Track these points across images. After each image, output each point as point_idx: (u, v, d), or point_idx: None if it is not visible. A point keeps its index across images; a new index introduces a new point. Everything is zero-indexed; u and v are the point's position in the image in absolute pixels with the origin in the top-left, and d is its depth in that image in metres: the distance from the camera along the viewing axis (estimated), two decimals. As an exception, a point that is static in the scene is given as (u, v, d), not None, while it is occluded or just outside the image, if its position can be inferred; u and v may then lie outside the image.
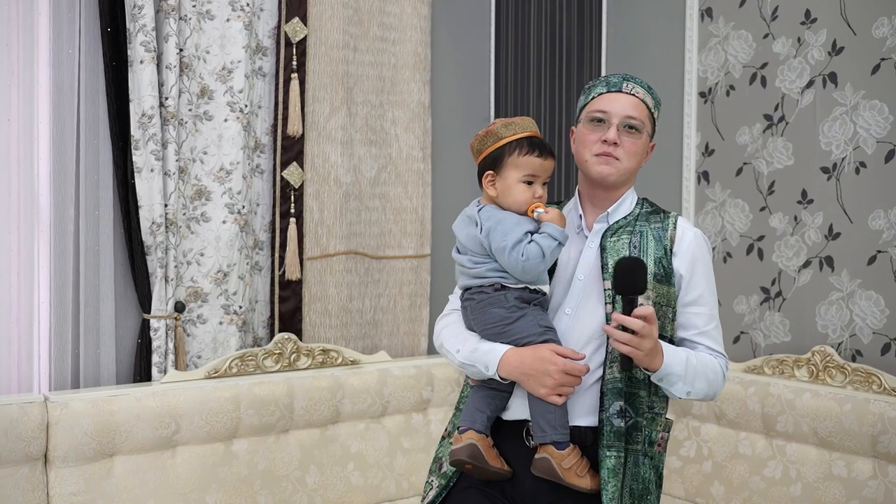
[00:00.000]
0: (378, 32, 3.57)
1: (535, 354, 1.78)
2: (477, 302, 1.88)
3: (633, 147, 1.90)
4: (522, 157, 1.85)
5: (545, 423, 1.80)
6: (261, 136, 3.29)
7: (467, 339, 1.89)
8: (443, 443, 2.03)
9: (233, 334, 3.16)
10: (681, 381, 1.82)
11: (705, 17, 3.30)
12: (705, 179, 3.31)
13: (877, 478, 2.62)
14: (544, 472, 1.79)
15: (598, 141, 1.88)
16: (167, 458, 2.80)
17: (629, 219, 1.93)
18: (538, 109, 3.93)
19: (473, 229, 1.88)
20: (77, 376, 2.92)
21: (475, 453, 1.81)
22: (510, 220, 1.85)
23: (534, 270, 1.81)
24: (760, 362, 3.04)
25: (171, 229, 3.01)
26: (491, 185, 1.89)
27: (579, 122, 1.95)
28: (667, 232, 1.92)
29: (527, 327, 1.83)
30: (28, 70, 2.85)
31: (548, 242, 1.80)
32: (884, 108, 2.78)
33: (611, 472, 1.80)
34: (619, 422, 1.82)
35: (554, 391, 1.77)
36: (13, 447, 2.55)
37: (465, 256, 1.90)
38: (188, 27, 3.06)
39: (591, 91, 1.96)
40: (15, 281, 2.85)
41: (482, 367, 1.84)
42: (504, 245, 1.81)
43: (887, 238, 2.78)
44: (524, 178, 1.86)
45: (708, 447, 3.06)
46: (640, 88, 1.95)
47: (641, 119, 1.92)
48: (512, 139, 1.86)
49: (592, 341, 1.85)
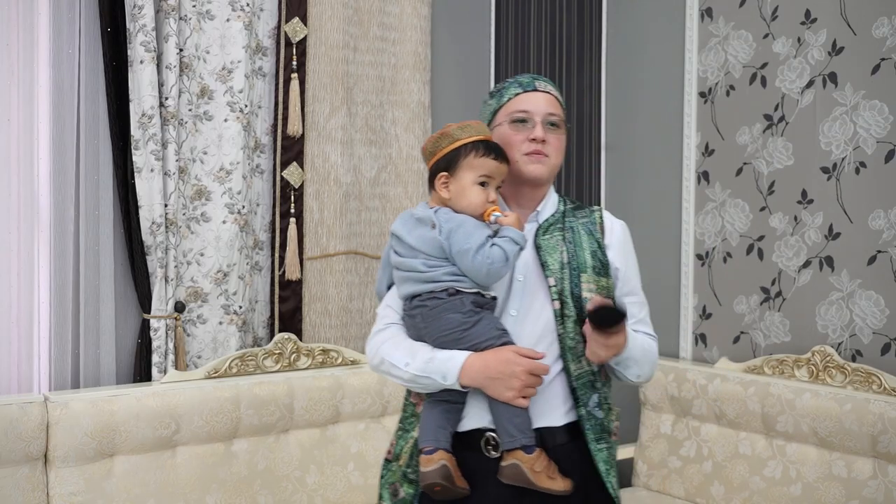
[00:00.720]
0: (378, 32, 3.57)
1: (499, 357, 1.75)
2: (430, 308, 1.81)
3: (558, 143, 1.91)
4: (478, 159, 1.83)
5: (513, 428, 1.76)
6: (261, 136, 3.29)
7: (418, 351, 1.81)
8: (390, 466, 1.93)
9: (233, 334, 3.16)
10: (636, 366, 1.86)
11: (705, 17, 3.30)
12: (705, 179, 3.31)
13: (877, 478, 2.62)
14: (514, 479, 1.75)
15: (525, 140, 1.88)
16: (167, 458, 2.80)
17: (557, 215, 1.95)
18: (538, 109, 3.93)
19: (429, 231, 1.83)
20: (77, 376, 2.92)
21: (447, 474, 1.75)
22: (470, 222, 1.82)
23: (497, 274, 1.79)
24: (760, 362, 3.04)
25: (171, 229, 3.01)
26: (444, 187, 1.86)
27: (495, 126, 1.93)
28: (596, 225, 1.95)
29: (485, 331, 1.79)
30: (28, 70, 2.85)
31: (510, 246, 1.78)
32: (884, 108, 2.78)
33: (608, 465, 1.83)
34: (599, 413, 1.84)
35: (521, 393, 1.75)
36: (13, 447, 2.55)
37: (417, 260, 1.83)
38: (188, 27, 3.06)
39: (503, 93, 1.95)
40: (15, 281, 2.85)
41: (439, 378, 1.77)
42: (468, 248, 1.77)
43: (887, 238, 2.78)
44: (479, 179, 1.84)
45: (708, 447, 3.06)
46: (550, 86, 1.95)
47: (560, 115, 1.93)
48: (467, 141, 1.84)
49: (543, 340, 1.84)
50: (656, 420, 3.26)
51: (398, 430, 1.94)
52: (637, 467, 3.31)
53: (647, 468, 3.26)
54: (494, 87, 2.00)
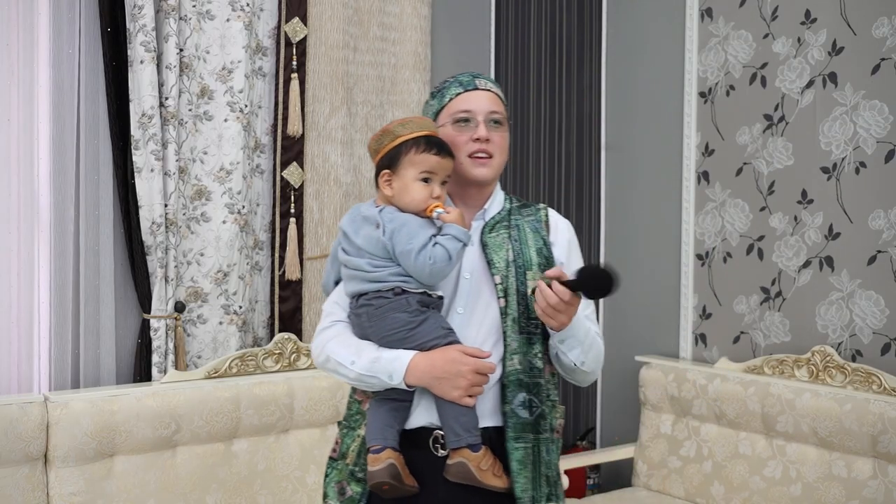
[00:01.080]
0: (378, 32, 3.57)
1: (445, 356, 1.75)
2: (376, 308, 1.80)
3: (501, 141, 1.89)
4: (419, 155, 1.81)
5: (459, 427, 1.76)
6: (261, 136, 3.29)
7: (363, 350, 1.81)
8: (335, 465, 1.92)
9: (233, 334, 3.16)
10: (580, 347, 1.83)
11: (705, 17, 3.30)
12: (705, 179, 3.31)
13: (877, 478, 2.62)
14: (461, 477, 1.75)
15: (469, 141, 1.86)
16: (167, 458, 2.80)
17: (503, 213, 1.94)
18: (538, 109, 3.93)
19: (374, 231, 1.81)
20: (77, 376, 2.92)
21: (395, 473, 1.75)
22: (414, 222, 1.80)
23: (441, 273, 1.77)
24: (760, 362, 3.04)
25: (171, 229, 3.01)
26: (387, 185, 1.84)
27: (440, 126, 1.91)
28: (541, 222, 1.95)
29: (431, 330, 1.78)
30: (28, 70, 2.85)
31: (453, 244, 1.76)
32: (884, 108, 2.78)
33: (520, 464, 1.79)
34: (524, 413, 1.81)
35: (467, 392, 1.75)
36: (13, 447, 2.55)
37: (362, 260, 1.82)
38: (188, 27, 3.06)
39: (444, 93, 1.93)
40: (15, 281, 2.85)
41: (385, 377, 1.77)
42: (410, 248, 1.76)
43: (887, 238, 2.78)
44: (421, 175, 1.81)
45: (708, 447, 3.06)
46: (491, 83, 1.93)
47: (502, 112, 1.91)
48: (409, 137, 1.82)
49: (489, 338, 1.84)
50: (656, 420, 3.26)
51: (343, 429, 1.93)
52: (637, 467, 3.31)
53: (647, 468, 3.26)
54: (435, 87, 1.98)
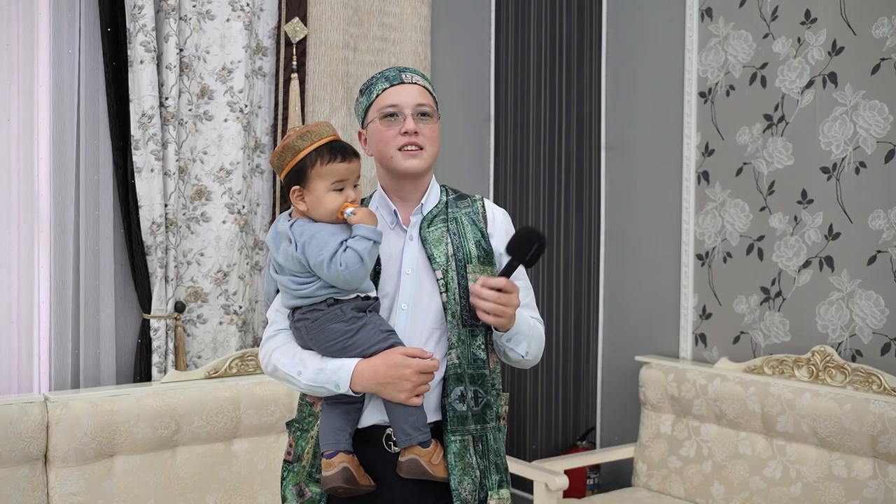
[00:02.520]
0: (378, 32, 3.57)
1: (387, 361, 1.76)
2: (312, 321, 1.80)
3: (431, 133, 1.89)
4: (325, 167, 1.78)
5: (408, 427, 1.78)
6: (261, 136, 3.29)
7: (307, 360, 1.82)
8: (291, 467, 1.92)
9: (233, 334, 3.16)
10: (525, 341, 1.87)
11: (705, 17, 3.30)
12: (705, 179, 3.31)
13: (877, 478, 2.62)
14: (414, 473, 1.79)
15: (397, 135, 1.87)
16: (167, 458, 2.80)
17: (440, 206, 1.95)
18: (538, 109, 3.93)
19: (289, 247, 1.79)
20: (77, 376, 2.92)
21: (348, 477, 1.77)
22: (324, 231, 1.78)
23: (356, 277, 1.75)
24: (760, 362, 3.04)
25: (171, 229, 3.01)
26: (300, 200, 1.81)
27: (369, 122, 1.92)
28: (479, 214, 1.95)
29: (370, 336, 1.78)
30: (28, 70, 2.85)
31: (362, 245, 1.74)
32: (884, 108, 2.78)
33: (456, 457, 1.81)
34: (460, 406, 1.83)
35: (413, 393, 1.77)
36: (13, 447, 2.55)
37: (286, 277, 1.80)
38: (188, 27, 3.06)
39: (371, 90, 1.93)
40: (15, 281, 2.85)
41: (332, 387, 1.79)
42: (321, 260, 1.74)
43: (887, 238, 2.78)
44: (333, 186, 1.79)
45: (708, 447, 3.06)
46: (418, 76, 1.94)
47: (430, 104, 1.91)
48: (311, 150, 1.79)
49: (434, 332, 1.85)
50: (656, 420, 3.26)
51: (295, 431, 1.94)
52: (637, 467, 3.31)
53: (647, 468, 3.26)
54: (363, 84, 1.99)
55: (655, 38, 3.49)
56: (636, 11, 3.55)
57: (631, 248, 3.58)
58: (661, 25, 3.46)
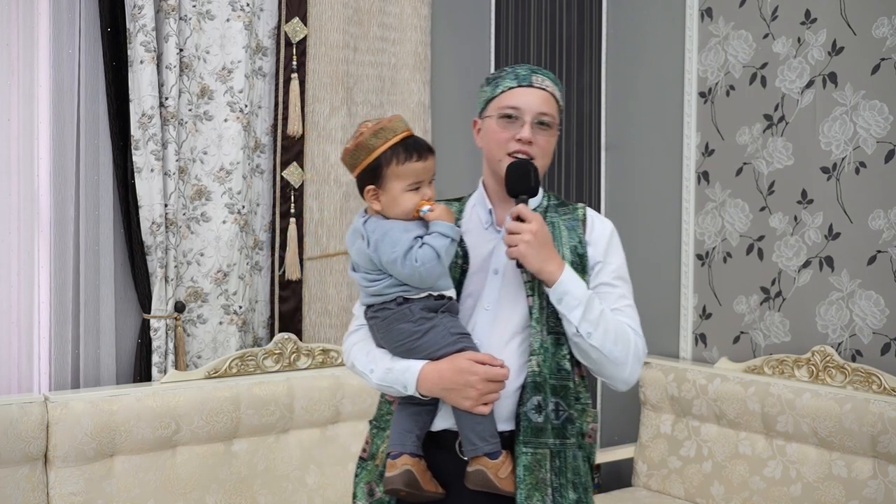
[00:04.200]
0: (378, 32, 3.57)
1: (454, 366, 1.70)
2: (382, 319, 1.77)
3: (546, 144, 1.82)
4: (401, 166, 1.72)
5: (474, 436, 1.71)
6: (261, 136, 3.29)
7: (379, 359, 1.78)
8: (365, 465, 1.90)
9: (233, 334, 3.16)
10: (580, 309, 1.73)
11: (705, 17, 3.30)
12: (705, 179, 3.31)
13: (877, 478, 2.62)
14: (480, 485, 1.71)
15: (511, 139, 1.80)
16: (167, 458, 2.80)
17: (538, 210, 1.88)
18: (538, 109, 3.93)
19: (362, 244, 1.75)
20: (77, 376, 2.92)
21: (411, 480, 1.71)
22: (397, 228, 1.73)
23: (432, 274, 1.70)
24: (760, 362, 3.04)
25: (171, 229, 3.01)
26: (375, 200, 1.76)
27: (486, 116, 1.85)
28: (578, 221, 1.88)
29: (439, 339, 1.72)
30: (28, 70, 2.85)
31: (440, 242, 1.70)
32: (884, 108, 2.78)
33: (527, 470, 1.72)
34: (536, 417, 1.74)
35: (479, 402, 1.69)
36: (13, 447, 2.55)
37: (359, 275, 1.77)
38: (188, 27, 3.06)
39: (498, 83, 1.85)
40: (15, 281, 2.85)
41: (400, 388, 1.75)
42: (395, 256, 1.69)
43: (887, 238, 2.78)
44: (409, 186, 1.74)
45: (708, 447, 3.06)
46: (549, 81, 1.85)
47: (552, 114, 1.83)
48: (385, 148, 1.72)
49: (516, 337, 1.78)
50: (656, 420, 3.26)
51: (373, 429, 1.91)
52: (637, 467, 3.31)
53: (647, 468, 3.26)
54: (491, 74, 1.92)
55: (655, 38, 3.49)
56: (636, 11, 3.55)
57: (631, 248, 3.56)
58: (661, 25, 3.46)
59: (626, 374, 1.80)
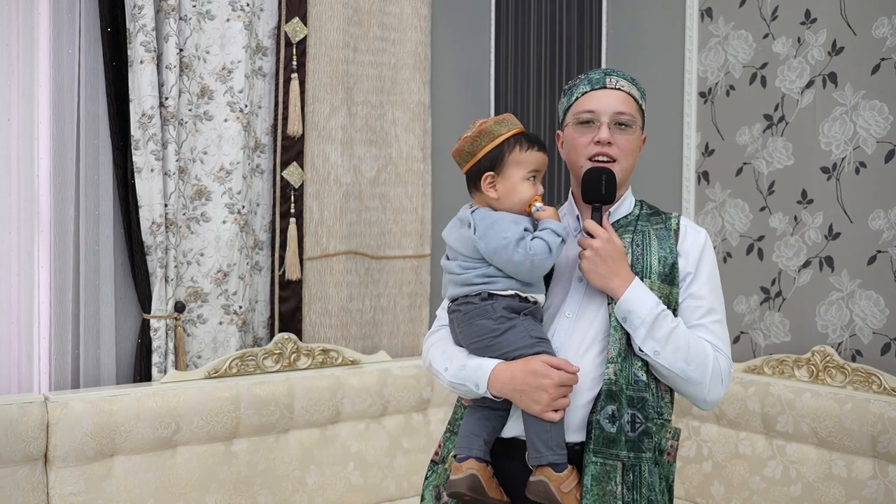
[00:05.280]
0: (378, 32, 3.57)
1: (527, 368, 1.66)
2: (463, 313, 1.76)
3: (627, 144, 1.79)
4: (524, 153, 1.74)
5: (540, 444, 1.67)
6: (261, 136, 3.29)
7: (454, 357, 1.77)
8: (435, 468, 1.87)
9: (233, 334, 3.16)
10: (644, 328, 1.68)
11: (705, 17, 3.30)
12: (705, 179, 3.31)
13: (877, 478, 2.62)
14: (540, 496, 1.66)
15: (590, 143, 1.78)
16: (167, 458, 2.80)
17: (629, 219, 1.85)
18: (538, 109, 3.93)
19: (466, 231, 1.76)
20: (77, 376, 2.92)
21: (475, 485, 1.68)
22: (507, 218, 1.74)
23: (542, 266, 1.70)
24: (760, 362, 3.04)
25: (171, 229, 3.01)
26: (491, 188, 1.76)
27: (566, 125, 1.85)
28: (670, 231, 1.83)
29: (516, 339, 1.70)
30: (28, 70, 2.85)
31: (552, 238, 1.70)
32: (884, 108, 2.78)
33: (594, 481, 1.66)
34: (609, 426, 1.68)
35: (549, 407, 1.64)
36: (13, 447, 2.55)
37: (454, 262, 1.78)
38: (188, 27, 3.06)
39: (573, 91, 1.85)
40: (15, 281, 2.85)
41: (472, 386, 1.72)
42: (506, 243, 1.69)
43: (887, 238, 2.78)
44: (528, 174, 1.75)
45: (708, 447, 3.06)
46: (624, 81, 1.82)
47: (631, 113, 1.80)
48: (509, 136, 1.76)
49: (595, 345, 1.74)
50: (656, 420, 3.26)
51: (446, 432, 1.88)
52: (637, 467, 3.31)
53: (647, 468, 3.26)
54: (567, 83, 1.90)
55: (655, 38, 3.49)
56: (636, 11, 3.55)
57: (631, 248, 3.58)
58: (661, 25, 3.46)
59: (704, 394, 1.74)
